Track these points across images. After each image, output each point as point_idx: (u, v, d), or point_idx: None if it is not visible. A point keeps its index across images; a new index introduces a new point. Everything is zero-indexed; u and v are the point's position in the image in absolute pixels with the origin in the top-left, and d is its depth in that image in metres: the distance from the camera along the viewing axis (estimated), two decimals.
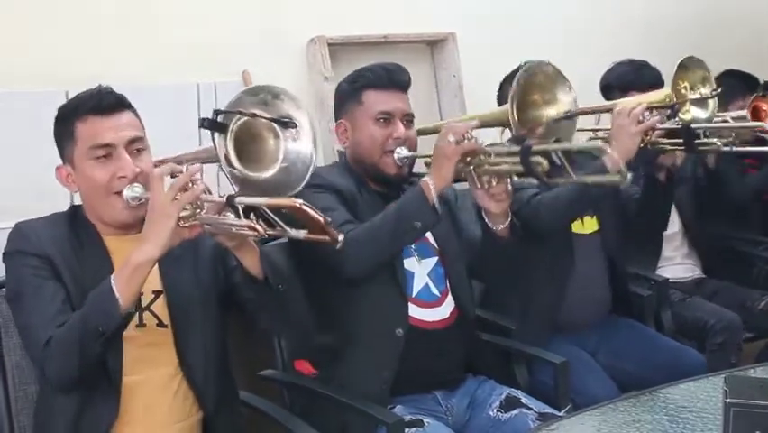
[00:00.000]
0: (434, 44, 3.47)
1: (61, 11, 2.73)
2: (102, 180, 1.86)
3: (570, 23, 3.77)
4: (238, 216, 1.71)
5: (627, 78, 3.08)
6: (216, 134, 1.84)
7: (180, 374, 1.91)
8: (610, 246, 2.77)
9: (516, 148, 2.10)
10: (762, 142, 2.92)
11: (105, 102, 1.86)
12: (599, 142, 2.33)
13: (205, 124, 1.81)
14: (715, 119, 2.71)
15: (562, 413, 2.19)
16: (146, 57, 2.84)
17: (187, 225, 1.73)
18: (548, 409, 2.17)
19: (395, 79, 2.32)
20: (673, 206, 3.01)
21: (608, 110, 2.72)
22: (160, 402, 1.89)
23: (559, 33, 3.67)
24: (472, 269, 2.42)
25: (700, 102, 2.65)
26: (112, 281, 1.72)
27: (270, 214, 1.68)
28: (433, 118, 3.30)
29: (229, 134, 1.84)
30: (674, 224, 3.19)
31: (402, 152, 2.28)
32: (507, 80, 2.75)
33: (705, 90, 2.64)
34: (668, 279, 3.03)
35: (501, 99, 2.78)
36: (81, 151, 1.87)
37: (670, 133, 2.54)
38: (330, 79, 3.11)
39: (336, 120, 2.39)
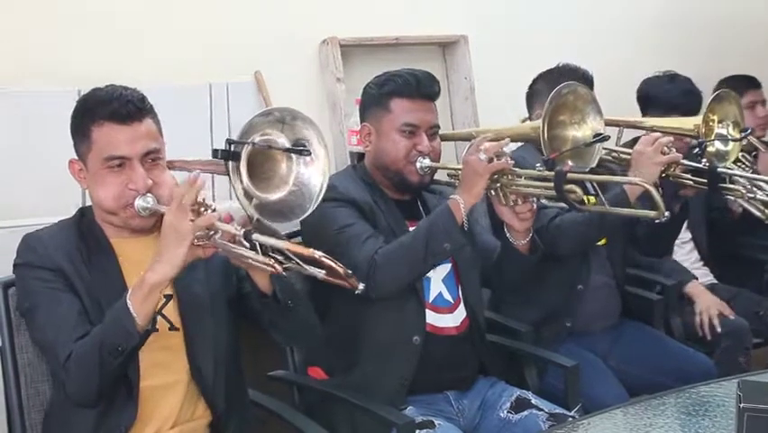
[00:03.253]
0: (445, 46, 3.47)
1: (74, 10, 2.73)
2: (113, 190, 1.84)
3: (583, 25, 3.75)
4: (255, 250, 1.71)
5: (674, 100, 3.03)
6: (231, 163, 1.83)
7: (190, 377, 1.91)
8: (615, 258, 2.77)
9: (549, 173, 2.10)
10: None
11: (125, 110, 1.82)
12: (636, 179, 2.29)
13: (219, 154, 1.81)
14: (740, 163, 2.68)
15: (572, 413, 2.19)
16: (158, 57, 2.84)
17: (200, 243, 1.72)
18: (559, 410, 2.17)
19: (424, 89, 2.28)
20: None
21: (636, 126, 2.71)
22: (170, 404, 1.88)
23: (571, 35, 3.66)
24: (486, 278, 2.42)
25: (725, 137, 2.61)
26: (128, 300, 1.71)
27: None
28: (444, 121, 3.28)
29: (242, 162, 1.83)
30: (685, 231, 3.18)
31: (425, 161, 2.26)
32: (541, 78, 2.74)
33: (732, 131, 2.60)
34: (676, 283, 3.02)
35: (531, 97, 2.77)
36: (95, 157, 1.85)
37: (694, 170, 2.49)
38: (342, 80, 3.11)
39: (361, 122, 2.37)
